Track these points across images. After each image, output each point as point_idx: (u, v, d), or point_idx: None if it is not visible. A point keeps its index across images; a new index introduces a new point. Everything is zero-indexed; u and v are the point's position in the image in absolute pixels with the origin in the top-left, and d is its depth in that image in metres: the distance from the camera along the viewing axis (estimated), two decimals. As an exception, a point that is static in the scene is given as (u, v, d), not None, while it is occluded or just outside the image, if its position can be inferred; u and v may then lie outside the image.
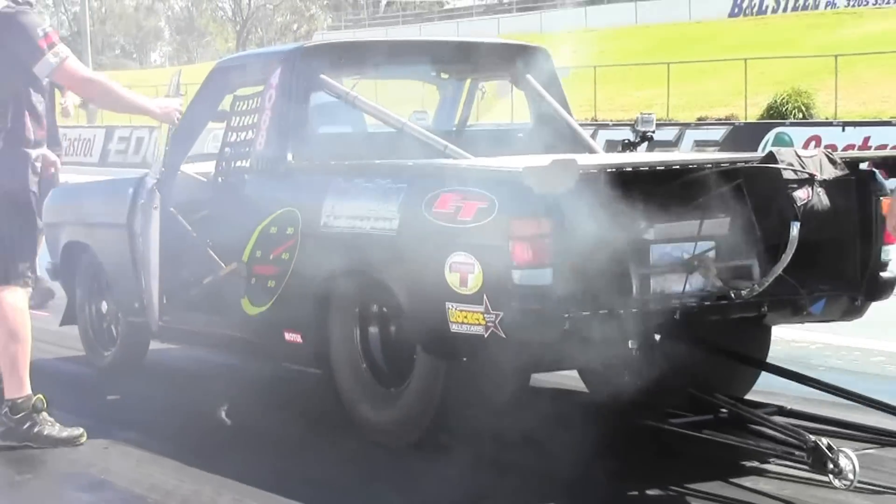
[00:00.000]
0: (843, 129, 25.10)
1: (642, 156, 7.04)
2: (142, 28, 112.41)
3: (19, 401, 6.36)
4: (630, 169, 5.74)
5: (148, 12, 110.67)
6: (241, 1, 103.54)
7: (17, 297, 6.39)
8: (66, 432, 6.41)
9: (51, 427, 6.40)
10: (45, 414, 6.40)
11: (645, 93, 34.56)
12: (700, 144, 27.28)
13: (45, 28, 6.35)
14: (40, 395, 6.42)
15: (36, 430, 6.37)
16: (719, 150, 24.24)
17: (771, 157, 5.79)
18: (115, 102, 6.80)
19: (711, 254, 5.83)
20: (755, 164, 5.86)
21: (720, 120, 31.67)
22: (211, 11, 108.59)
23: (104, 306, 8.20)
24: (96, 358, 8.22)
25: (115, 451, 6.30)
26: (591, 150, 7.21)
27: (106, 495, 5.69)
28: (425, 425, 6.07)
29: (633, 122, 7.50)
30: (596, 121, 30.40)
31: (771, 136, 26.49)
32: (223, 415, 7.09)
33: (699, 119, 32.21)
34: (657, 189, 5.72)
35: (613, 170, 5.64)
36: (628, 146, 7.45)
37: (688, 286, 5.78)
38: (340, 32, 77.09)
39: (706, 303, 5.80)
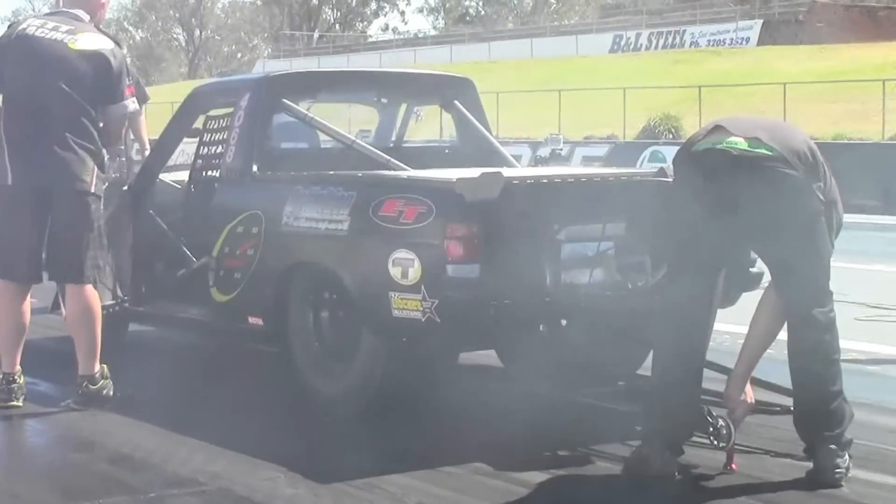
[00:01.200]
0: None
1: (556, 169, 7.11)
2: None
3: (97, 374, 6.41)
4: (545, 181, 5.81)
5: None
6: (193, 32, 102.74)
7: (95, 290, 6.49)
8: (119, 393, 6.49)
9: (111, 389, 6.46)
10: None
11: (540, 115, 34.61)
12: (587, 160, 27.43)
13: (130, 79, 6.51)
14: (104, 364, 6.48)
15: (105, 392, 6.42)
16: (603, 166, 24.32)
17: (662, 172, 5.88)
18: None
19: (612, 252, 5.91)
20: (649, 178, 5.94)
21: (603, 139, 31.87)
22: (167, 41, 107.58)
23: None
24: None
25: (102, 418, 6.24)
26: (511, 165, 7.27)
27: (97, 454, 5.66)
28: (369, 396, 6.09)
29: (542, 141, 7.55)
30: (498, 138, 30.40)
31: (647, 153, 26.69)
32: (194, 387, 7.08)
33: (585, 137, 32.37)
34: (568, 197, 5.81)
35: (532, 181, 5.71)
36: (541, 161, 7.50)
37: (592, 278, 5.85)
38: (279, 61, 76.54)
39: (607, 292, 5.88)
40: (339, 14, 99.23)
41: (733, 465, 5.18)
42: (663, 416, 5.11)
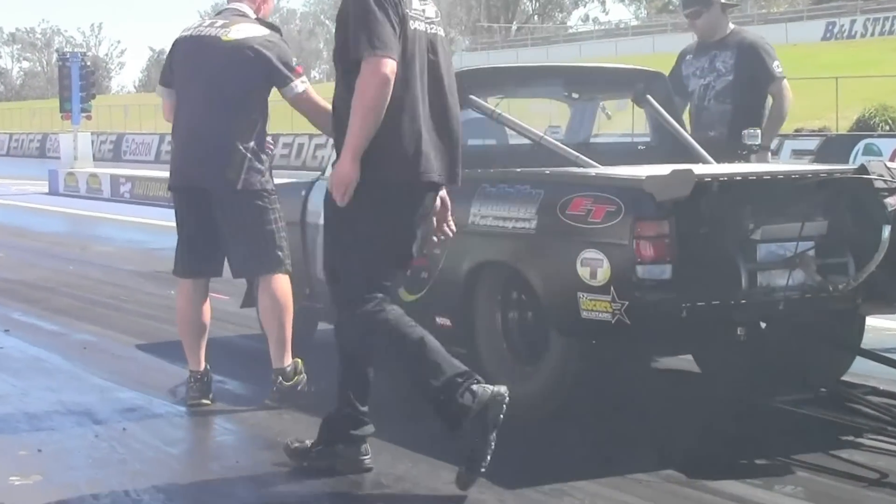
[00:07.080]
0: (930, 141, 24.51)
1: (750, 166, 7.00)
2: (304, 49, 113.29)
3: (288, 368, 6.59)
4: (739, 178, 5.73)
5: (309, 35, 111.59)
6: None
7: (288, 282, 6.66)
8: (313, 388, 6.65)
9: (304, 384, 6.63)
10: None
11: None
12: (797, 154, 26.90)
13: (295, 60, 6.64)
14: (298, 358, 6.64)
15: (299, 388, 6.60)
16: (814, 161, 23.83)
17: (863, 169, 5.74)
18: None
19: (812, 252, 5.80)
20: (849, 175, 5.82)
21: (814, 131, 31.21)
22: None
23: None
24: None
25: (289, 417, 6.40)
26: (705, 161, 7.18)
27: (282, 453, 5.75)
28: (558, 399, 6.08)
29: (741, 136, 7.40)
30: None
31: (861, 146, 26.06)
32: (379, 387, 7.12)
33: (796, 130, 31.75)
34: (763, 195, 5.72)
35: (725, 178, 5.63)
36: (738, 157, 7.37)
37: (791, 281, 5.74)
38: (477, 53, 76.98)
39: (807, 295, 5.76)
40: (537, 5, 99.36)
41: None
42: None
